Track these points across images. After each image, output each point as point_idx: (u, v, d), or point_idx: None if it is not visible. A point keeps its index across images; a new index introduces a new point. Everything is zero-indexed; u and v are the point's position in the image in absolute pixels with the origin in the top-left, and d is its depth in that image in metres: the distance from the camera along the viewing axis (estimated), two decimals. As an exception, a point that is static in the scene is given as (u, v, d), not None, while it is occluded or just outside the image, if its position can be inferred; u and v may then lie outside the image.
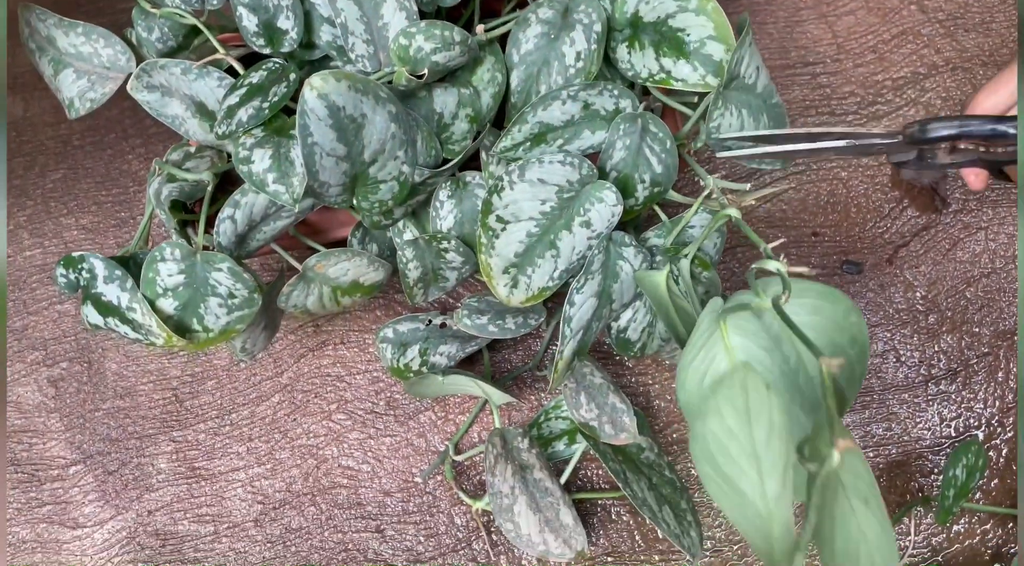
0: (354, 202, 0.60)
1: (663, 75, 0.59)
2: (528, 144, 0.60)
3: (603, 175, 0.60)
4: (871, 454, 0.77)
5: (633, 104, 0.61)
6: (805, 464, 0.38)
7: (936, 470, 0.77)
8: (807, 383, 0.47)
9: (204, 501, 0.78)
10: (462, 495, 0.75)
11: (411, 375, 0.73)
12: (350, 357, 0.81)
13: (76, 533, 0.77)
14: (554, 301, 0.79)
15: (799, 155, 0.61)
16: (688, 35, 0.58)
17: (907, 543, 0.76)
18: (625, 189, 0.60)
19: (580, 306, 0.60)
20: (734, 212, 0.55)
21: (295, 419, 0.79)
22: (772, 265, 0.47)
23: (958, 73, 0.87)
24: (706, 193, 0.60)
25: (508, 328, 0.71)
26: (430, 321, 0.73)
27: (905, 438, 0.78)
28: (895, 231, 0.83)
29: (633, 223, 0.70)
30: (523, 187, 0.58)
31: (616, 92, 0.60)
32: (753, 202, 0.78)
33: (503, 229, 0.59)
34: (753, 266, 0.48)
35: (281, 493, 0.78)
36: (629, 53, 0.61)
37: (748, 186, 0.61)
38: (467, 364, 0.78)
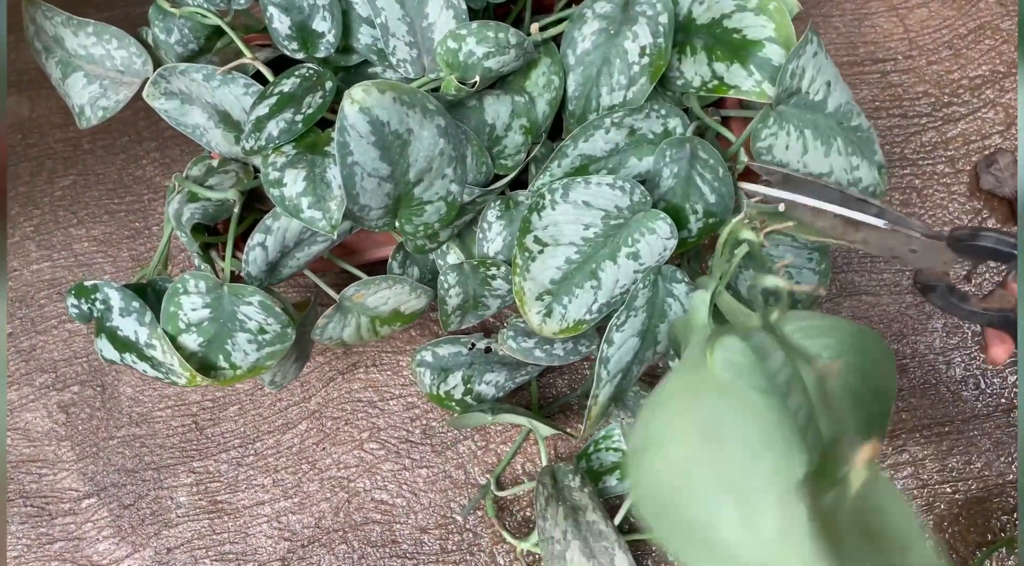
0: (396, 225, 0.53)
1: (715, 82, 0.53)
2: (570, 178, 0.54)
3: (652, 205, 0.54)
4: (948, 489, 0.71)
5: (683, 123, 0.54)
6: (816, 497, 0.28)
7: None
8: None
9: (227, 538, 0.72)
10: (505, 534, 0.70)
11: (453, 404, 0.67)
12: (383, 381, 0.75)
13: (90, 572, 0.72)
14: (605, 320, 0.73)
15: (824, 216, 0.54)
16: (745, 37, 0.51)
17: (989, 587, 0.70)
18: (677, 220, 0.54)
19: (620, 346, 0.54)
20: (751, 235, 0.49)
21: (324, 448, 0.74)
22: (770, 280, 0.40)
23: (1042, 72, 0.79)
24: (738, 218, 0.53)
25: (556, 354, 0.65)
26: (473, 345, 0.66)
27: (987, 472, 0.72)
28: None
29: (687, 256, 0.64)
30: (565, 208, 0.51)
31: (663, 112, 0.54)
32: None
33: (540, 252, 0.53)
34: (749, 282, 0.42)
35: (310, 529, 0.72)
36: (679, 59, 0.55)
37: (781, 206, 0.55)
38: (514, 390, 0.72)
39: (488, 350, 0.67)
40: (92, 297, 0.53)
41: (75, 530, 0.73)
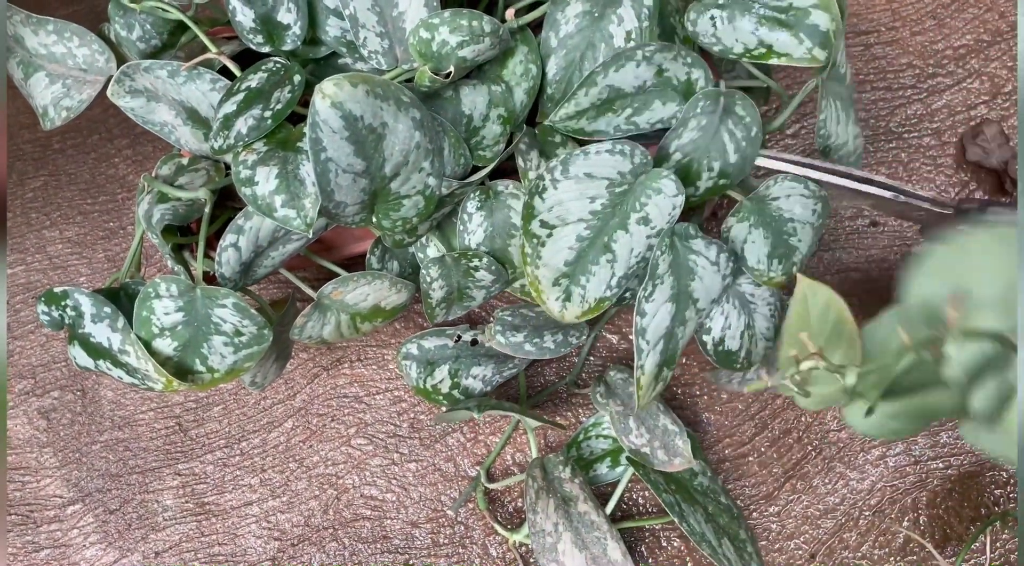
0: (373, 220, 0.52)
1: (762, 50, 0.50)
2: (593, 112, 0.52)
3: (663, 157, 0.53)
4: (940, 465, 0.71)
5: (705, 76, 0.52)
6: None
7: (1012, 481, 0.71)
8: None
9: (216, 539, 0.71)
10: (497, 526, 0.69)
11: (441, 398, 0.66)
12: (368, 375, 0.74)
13: (78, 579, 0.71)
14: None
15: (839, 190, 0.54)
16: (792, 3, 0.50)
17: (983, 561, 0.70)
18: (686, 177, 0.52)
19: (653, 315, 0.52)
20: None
21: (311, 446, 0.73)
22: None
23: (1026, 40, 0.78)
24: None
25: (547, 347, 0.64)
26: (459, 337, 0.65)
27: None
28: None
29: (694, 214, 0.63)
30: (568, 185, 0.50)
31: (689, 60, 0.52)
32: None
33: (549, 235, 0.51)
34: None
35: (299, 528, 0.71)
36: (714, 24, 0.52)
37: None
38: (501, 383, 0.71)
39: (474, 342, 0.66)
40: (62, 304, 0.52)
41: (61, 537, 0.72)
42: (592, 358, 0.73)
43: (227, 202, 0.58)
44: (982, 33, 0.79)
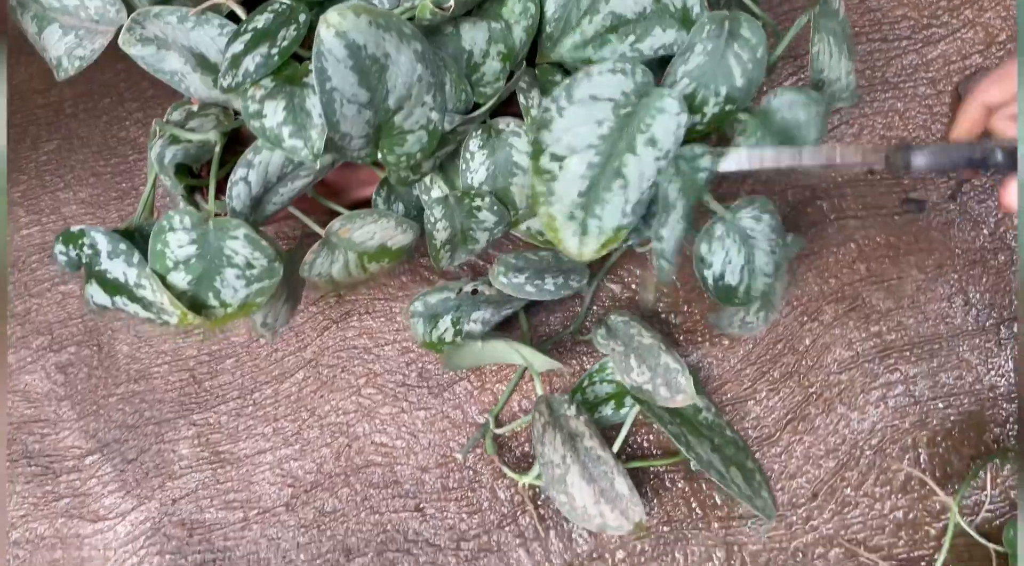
0: (379, 156, 0.54)
1: None
2: (598, 40, 0.54)
3: (670, 85, 0.54)
4: (940, 405, 0.72)
5: (700, 3, 0.54)
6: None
7: (1012, 418, 0.72)
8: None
9: (231, 487, 0.73)
10: (506, 469, 0.70)
11: (446, 348, 0.67)
12: (377, 327, 0.75)
13: (97, 526, 0.73)
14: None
15: (780, 164, 0.56)
16: None
17: (983, 498, 0.71)
18: (692, 104, 0.53)
19: (670, 237, 0.54)
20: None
21: (322, 396, 0.74)
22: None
23: (1020, -12, 0.79)
24: None
25: (547, 289, 0.66)
26: (460, 289, 0.67)
27: (978, 386, 0.72)
28: (958, 164, 0.76)
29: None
30: (574, 110, 0.51)
31: None
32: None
33: (560, 168, 0.51)
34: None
35: (312, 474, 0.73)
36: None
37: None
38: (504, 328, 0.72)
39: (475, 292, 0.67)
40: (79, 242, 0.53)
41: (80, 486, 0.73)
42: (595, 307, 0.75)
43: (236, 148, 0.59)
44: (976, -17, 0.80)
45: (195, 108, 0.59)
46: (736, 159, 0.55)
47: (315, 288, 0.75)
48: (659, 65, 0.55)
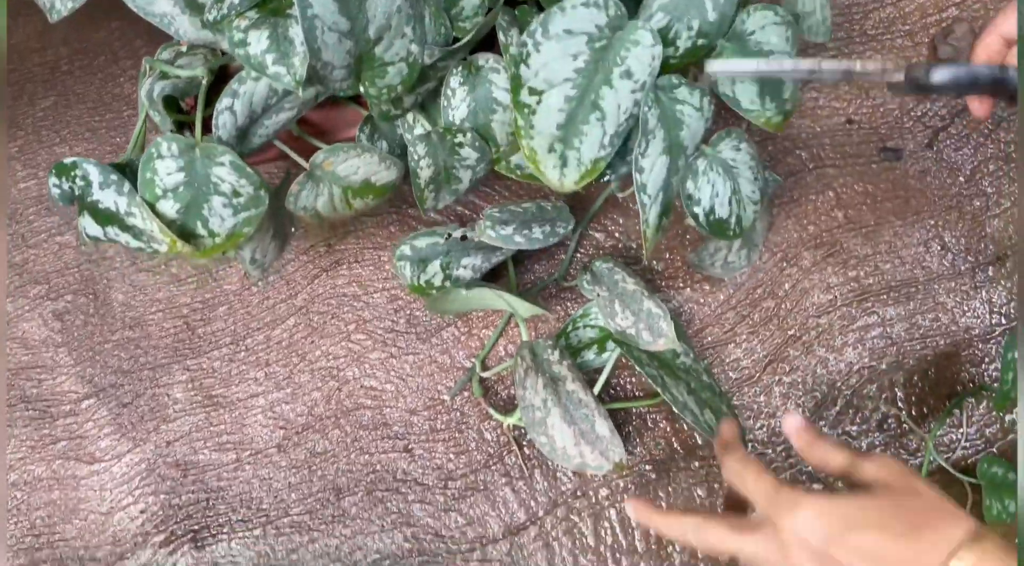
0: (360, 89, 0.55)
1: None
2: None
3: (646, 18, 0.55)
4: (917, 346, 0.74)
5: None
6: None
7: (987, 358, 0.74)
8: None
9: (224, 429, 0.75)
10: (492, 411, 0.72)
11: (433, 292, 0.69)
12: (366, 275, 0.77)
13: (93, 467, 0.75)
14: (580, 205, 0.75)
15: (796, 75, 0.57)
16: None
17: (959, 436, 0.72)
18: (666, 38, 0.54)
19: (651, 169, 0.55)
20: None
21: (313, 341, 0.76)
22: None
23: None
24: None
25: (535, 238, 0.67)
26: (449, 235, 0.68)
27: (953, 328, 0.74)
28: (934, 113, 0.78)
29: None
30: (550, 46, 0.52)
31: None
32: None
33: (539, 102, 0.53)
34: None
35: (303, 417, 0.75)
36: None
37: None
38: (491, 277, 0.74)
39: (464, 238, 0.69)
40: (72, 174, 0.55)
41: (77, 429, 0.75)
42: (580, 254, 0.77)
43: (222, 86, 0.61)
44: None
45: (184, 49, 0.60)
46: (721, 66, 0.56)
47: (304, 238, 0.77)
48: (634, 1, 0.56)
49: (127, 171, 0.58)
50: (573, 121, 0.54)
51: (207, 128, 0.58)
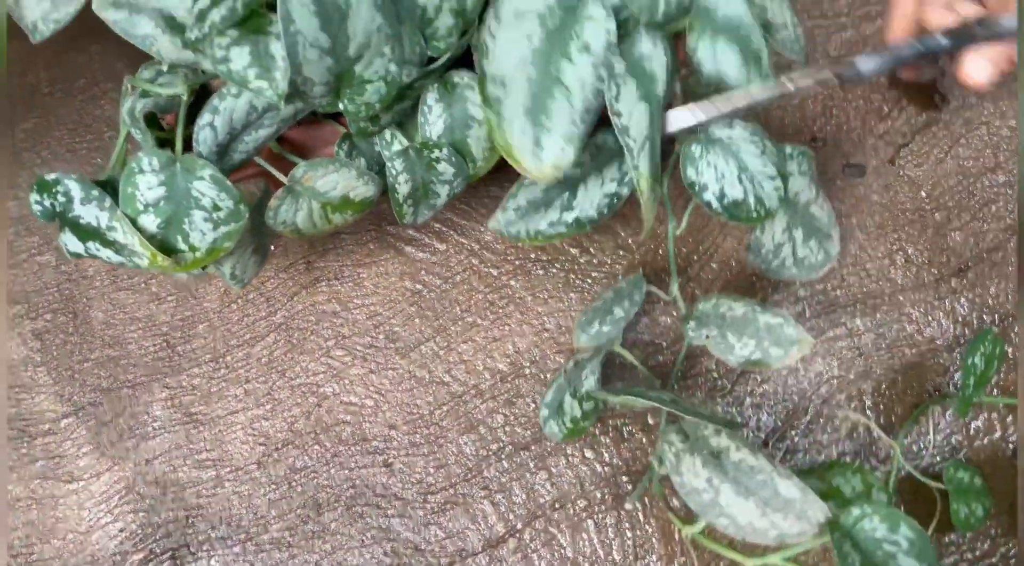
0: (340, 106, 0.57)
1: None
2: None
3: None
4: (885, 356, 0.76)
5: None
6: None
7: (952, 368, 0.76)
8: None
9: (203, 446, 0.75)
10: (675, 521, 0.67)
11: (585, 423, 0.69)
12: (345, 292, 0.78)
13: (72, 487, 0.75)
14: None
15: (743, 106, 0.59)
16: None
17: (926, 443, 0.74)
18: (618, 19, 0.55)
19: (630, 114, 0.55)
20: None
21: (292, 358, 0.77)
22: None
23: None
24: None
25: (619, 318, 0.68)
26: (564, 370, 0.68)
27: (918, 338, 0.76)
28: (896, 131, 0.80)
29: None
30: (504, 33, 0.53)
31: None
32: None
33: (504, 89, 0.54)
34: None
35: (283, 433, 0.75)
36: None
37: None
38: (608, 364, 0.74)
39: (576, 364, 0.68)
40: (54, 190, 0.56)
41: (55, 448, 0.75)
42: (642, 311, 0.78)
43: (203, 104, 0.63)
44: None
45: (165, 68, 0.62)
46: (681, 117, 0.58)
47: (284, 255, 0.78)
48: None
49: (108, 187, 0.59)
50: (539, 99, 0.55)
51: (188, 145, 0.59)
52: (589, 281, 0.78)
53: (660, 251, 0.78)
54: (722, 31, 0.58)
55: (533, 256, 0.78)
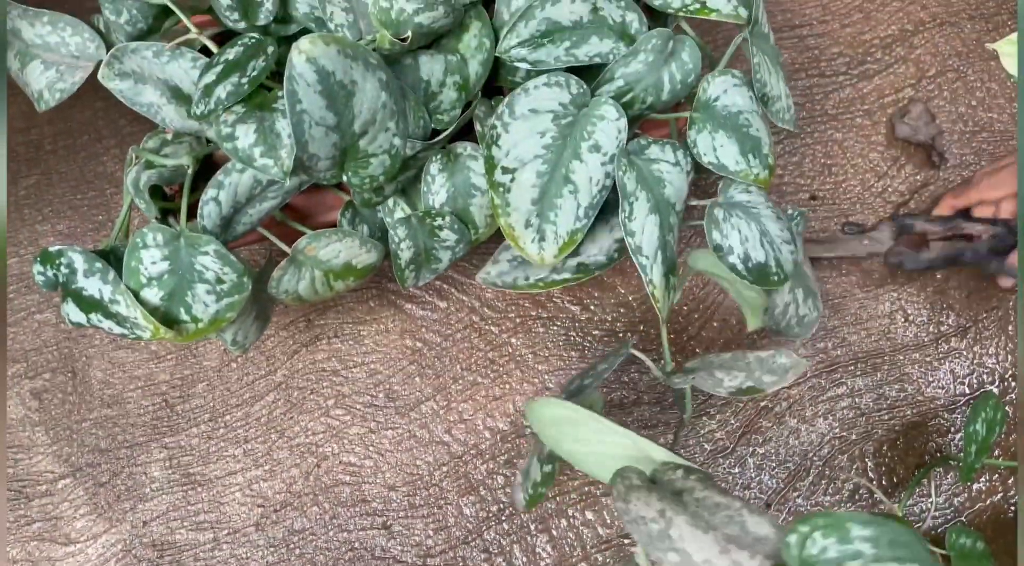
0: (344, 178, 0.57)
1: (696, 5, 0.57)
2: (535, 43, 0.57)
3: (604, 81, 0.58)
4: (886, 416, 0.76)
5: (640, 19, 0.58)
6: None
7: (953, 428, 0.76)
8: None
9: (201, 508, 0.75)
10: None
11: (543, 489, 0.65)
12: (345, 350, 0.78)
13: (69, 549, 0.74)
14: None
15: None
16: None
17: (929, 505, 0.74)
18: (621, 101, 0.57)
19: (641, 231, 0.56)
20: None
21: (292, 417, 0.76)
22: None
23: (945, 28, 0.85)
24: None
25: (603, 370, 0.67)
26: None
27: (919, 398, 0.76)
28: (894, 189, 0.81)
29: None
30: (518, 125, 0.55)
31: (623, 3, 0.58)
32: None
33: (512, 180, 0.55)
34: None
35: (281, 494, 0.75)
36: None
37: None
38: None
39: None
40: (57, 262, 0.56)
41: (52, 510, 0.75)
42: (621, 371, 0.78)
43: (208, 174, 0.63)
44: (906, 23, 0.86)
45: (169, 137, 0.62)
46: None
47: (284, 314, 0.78)
48: (593, 76, 0.59)
49: (111, 258, 0.59)
50: (547, 196, 0.56)
51: (192, 215, 0.59)
52: (590, 339, 0.78)
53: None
54: (723, 125, 0.59)
55: (534, 314, 0.78)
